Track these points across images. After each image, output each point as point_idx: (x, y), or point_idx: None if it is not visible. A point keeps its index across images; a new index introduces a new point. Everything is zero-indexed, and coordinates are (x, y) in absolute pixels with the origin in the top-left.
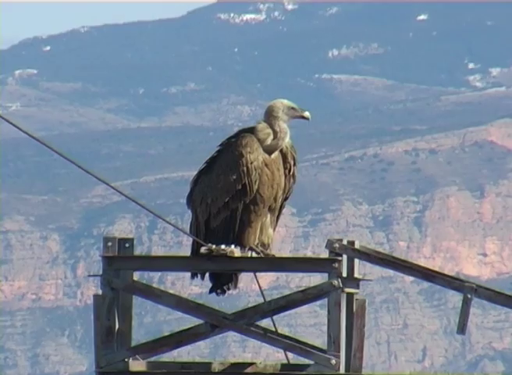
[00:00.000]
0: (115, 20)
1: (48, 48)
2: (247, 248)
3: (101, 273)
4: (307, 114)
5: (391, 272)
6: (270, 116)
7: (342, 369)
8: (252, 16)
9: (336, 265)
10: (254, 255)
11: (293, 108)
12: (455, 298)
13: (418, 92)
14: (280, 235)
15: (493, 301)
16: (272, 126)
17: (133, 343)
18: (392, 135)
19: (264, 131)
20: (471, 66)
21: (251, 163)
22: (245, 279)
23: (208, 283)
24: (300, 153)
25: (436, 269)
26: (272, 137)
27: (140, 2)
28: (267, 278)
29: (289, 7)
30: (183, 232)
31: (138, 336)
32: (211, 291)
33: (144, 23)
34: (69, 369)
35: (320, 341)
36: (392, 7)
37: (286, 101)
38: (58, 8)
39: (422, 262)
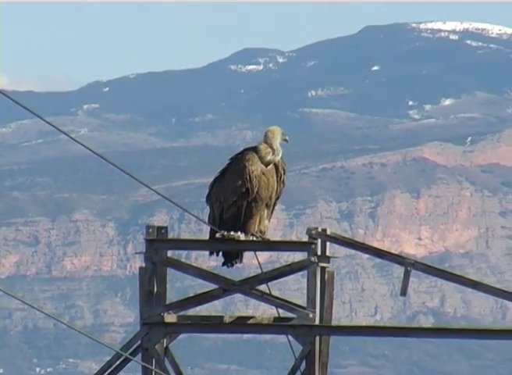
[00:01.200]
0: (154, 68)
1: (107, 89)
2: (249, 234)
3: (144, 251)
4: (287, 138)
5: (352, 251)
6: (269, 138)
7: (317, 321)
8: (254, 66)
9: (313, 246)
10: (254, 239)
11: (282, 133)
12: (398, 270)
13: (372, 122)
14: (273, 224)
15: (426, 272)
16: (270, 146)
17: (167, 302)
18: (354, 152)
19: (266, 150)
20: (410, 103)
21: (252, 173)
22: (248, 256)
23: (221, 259)
24: (287, 165)
25: (385, 249)
26: (271, 154)
27: (173, 53)
28: (263, 255)
29: (280, 60)
30: (203, 222)
31: (170, 296)
32: (223, 265)
33: (175, 71)
34: (121, 320)
35: (301, 301)
36: (353, 61)
37: (278, 128)
38: (114, 58)
39: (375, 244)
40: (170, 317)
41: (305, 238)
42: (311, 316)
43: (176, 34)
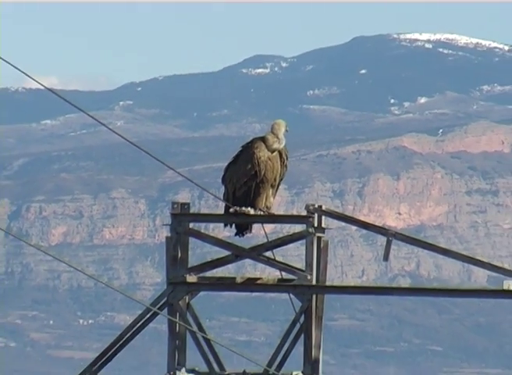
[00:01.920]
0: (179, 71)
1: (139, 88)
2: (257, 209)
3: (170, 223)
4: (287, 129)
5: (343, 224)
6: (275, 129)
7: (314, 282)
8: (261, 70)
9: (311, 219)
10: (262, 213)
11: (285, 125)
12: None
13: (360, 116)
14: (277, 201)
15: (404, 241)
16: (276, 136)
17: (189, 265)
18: (345, 142)
19: (273, 140)
20: (392, 101)
21: (260, 158)
22: (256, 227)
23: (233, 230)
24: (289, 152)
25: (370, 222)
26: (277, 142)
27: (194, 57)
28: (269, 227)
29: (284, 65)
30: (219, 199)
31: (192, 261)
32: (235, 235)
33: (196, 74)
34: (150, 281)
35: (301, 265)
36: (345, 65)
37: (283, 121)
38: (145, 62)
39: (362, 218)
40: (191, 278)
41: (304, 213)
42: (308, 277)
43: (196, 42)
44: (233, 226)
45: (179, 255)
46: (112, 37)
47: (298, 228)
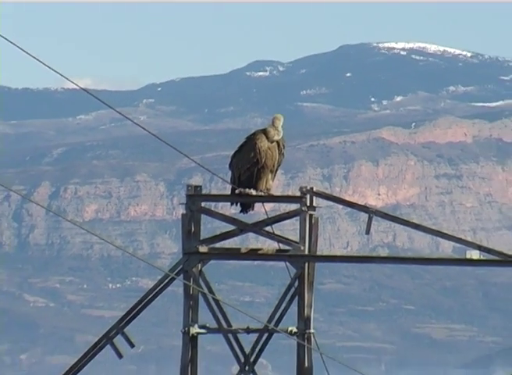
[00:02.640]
0: (193, 74)
1: (160, 88)
2: (258, 190)
3: (185, 202)
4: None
5: (331, 203)
6: (275, 122)
7: (306, 252)
8: (262, 73)
9: (304, 199)
10: (262, 194)
11: (283, 118)
12: (364, 216)
13: (345, 112)
14: (275, 184)
15: (383, 218)
16: (276, 128)
17: (201, 238)
18: (332, 133)
19: (273, 132)
20: (372, 99)
21: (261, 148)
22: (257, 206)
23: (238, 208)
24: (286, 142)
25: (354, 201)
26: (276, 134)
27: (206, 62)
28: (268, 206)
29: (281, 69)
30: (227, 182)
31: (203, 234)
32: (240, 212)
33: (207, 76)
34: (169, 251)
35: (295, 237)
36: (333, 69)
37: (281, 115)
38: (164, 66)
39: (347, 198)
40: (203, 248)
41: (298, 194)
42: (302, 248)
43: (208, 49)
44: (238, 204)
45: (193, 229)
46: (135, 45)
47: (293, 207)
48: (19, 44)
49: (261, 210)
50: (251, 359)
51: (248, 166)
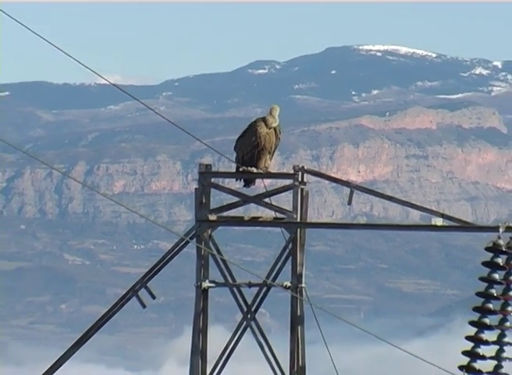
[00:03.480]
0: (204, 71)
1: (177, 83)
2: (259, 168)
3: (198, 178)
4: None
5: (319, 179)
6: (273, 111)
7: (298, 219)
8: (262, 71)
9: (296, 176)
10: (262, 171)
11: (279, 108)
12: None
13: (332, 103)
14: (272, 163)
15: (362, 191)
16: (273, 116)
17: (211, 208)
18: (320, 121)
19: (271, 120)
20: (353, 92)
21: (261, 133)
22: (258, 181)
23: (242, 183)
24: (282, 128)
25: (338, 178)
26: (273, 122)
27: (214, 60)
28: (267, 181)
29: (278, 67)
30: (232, 161)
31: (212, 205)
32: (243, 186)
33: (216, 73)
34: (184, 218)
35: (289, 207)
36: (321, 68)
37: (277, 106)
38: (180, 63)
39: (332, 175)
40: (212, 217)
41: (292, 171)
42: (294, 216)
43: (217, 49)
44: (242, 180)
45: (204, 201)
46: (156, 46)
47: (287, 182)
48: (58, 45)
49: (260, 185)
50: (252, 309)
51: (250, 148)
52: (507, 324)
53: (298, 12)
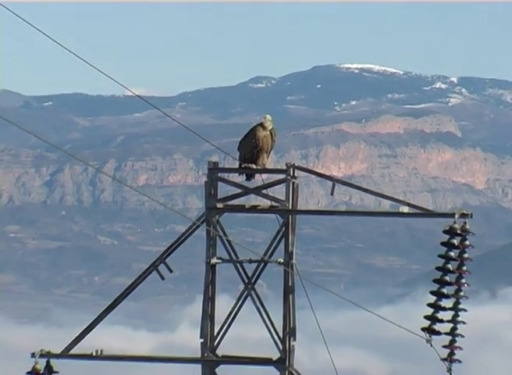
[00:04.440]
0: (212, 85)
1: (190, 95)
2: (258, 165)
3: (207, 173)
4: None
5: (307, 174)
6: (267, 119)
7: (290, 207)
8: (260, 85)
9: (289, 171)
10: (260, 167)
11: (271, 118)
12: (330, 183)
13: (318, 112)
14: (269, 161)
15: (343, 184)
16: (271, 123)
17: (218, 197)
18: (308, 126)
19: (268, 123)
20: (335, 103)
21: (259, 136)
22: (257, 176)
23: (244, 177)
24: (276, 132)
25: (323, 173)
26: (270, 125)
27: (220, 76)
28: (264, 175)
29: (273, 82)
30: (235, 159)
31: (219, 195)
32: (245, 180)
33: (222, 87)
34: (196, 206)
35: (283, 197)
36: (308, 82)
37: (269, 116)
38: (193, 77)
39: (318, 171)
40: (219, 205)
41: (284, 167)
42: (287, 205)
43: (223, 66)
44: (244, 175)
45: (212, 192)
46: (173, 64)
47: (281, 176)
48: (93, 63)
49: (259, 179)
50: (252, 281)
51: (250, 148)
52: (461, 294)
53: (290, 37)
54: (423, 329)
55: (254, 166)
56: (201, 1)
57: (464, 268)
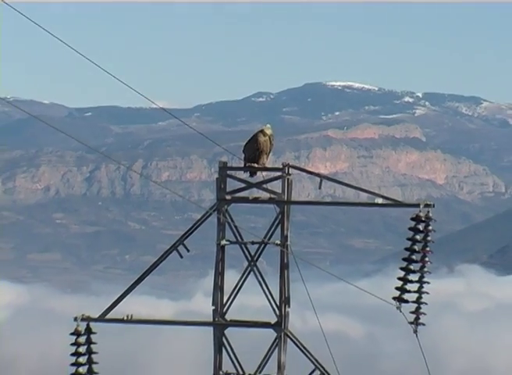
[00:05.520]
0: (223, 98)
1: (204, 107)
2: (259, 164)
3: (218, 171)
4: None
5: (299, 172)
6: (266, 128)
7: (285, 199)
8: (261, 99)
9: (284, 169)
10: (261, 166)
11: (270, 126)
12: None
13: (308, 121)
14: (268, 161)
15: (329, 180)
16: (270, 130)
17: (227, 191)
18: (300, 133)
19: (267, 130)
20: (322, 113)
21: (260, 141)
22: (258, 173)
23: (248, 174)
24: (274, 138)
25: (312, 171)
26: (269, 132)
27: (230, 92)
28: (264, 173)
29: (271, 97)
30: (241, 160)
31: (228, 189)
32: (249, 176)
33: (231, 100)
34: (208, 198)
35: (279, 191)
36: (300, 97)
37: (269, 125)
38: (206, 93)
39: (308, 169)
40: (228, 197)
41: (281, 166)
42: (283, 197)
43: (230, 84)
44: (248, 172)
45: (222, 186)
46: (191, 79)
47: (278, 173)
48: (125, 80)
49: (260, 175)
50: (254, 259)
51: (253, 151)
52: (425, 269)
53: (287, 59)
54: (394, 298)
55: (256, 165)
56: (211, 33)
57: (427, 248)
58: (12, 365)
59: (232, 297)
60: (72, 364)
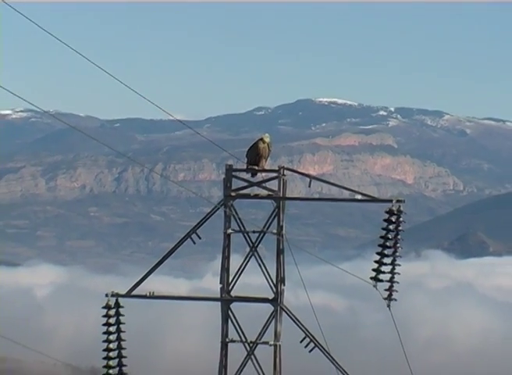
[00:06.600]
0: (230, 111)
1: (214, 119)
2: (259, 167)
3: (225, 171)
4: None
5: (292, 173)
6: (265, 136)
7: (281, 195)
8: (261, 112)
9: (280, 171)
10: (261, 168)
11: (268, 136)
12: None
13: (299, 131)
14: (266, 164)
15: (318, 180)
16: (268, 139)
17: (232, 188)
18: (293, 140)
19: (266, 139)
20: (311, 125)
21: (260, 147)
22: (258, 174)
23: (250, 174)
24: (272, 145)
25: (304, 172)
26: (267, 140)
27: (238, 105)
28: (263, 174)
29: (269, 111)
30: (244, 163)
31: (233, 186)
32: (251, 177)
33: (237, 113)
34: (217, 194)
35: (275, 188)
36: (294, 110)
37: (267, 134)
38: (215, 106)
39: (299, 171)
40: (233, 193)
41: (277, 168)
42: (279, 193)
43: (235, 100)
44: (250, 173)
45: (228, 184)
46: (203, 95)
47: (275, 174)
48: (147, 97)
49: (260, 176)
50: (255, 245)
51: (254, 155)
52: (397, 254)
53: (282, 79)
54: (371, 278)
55: (256, 168)
56: (222, 58)
57: (399, 236)
58: (54, 333)
59: (236, 277)
60: (104, 332)
